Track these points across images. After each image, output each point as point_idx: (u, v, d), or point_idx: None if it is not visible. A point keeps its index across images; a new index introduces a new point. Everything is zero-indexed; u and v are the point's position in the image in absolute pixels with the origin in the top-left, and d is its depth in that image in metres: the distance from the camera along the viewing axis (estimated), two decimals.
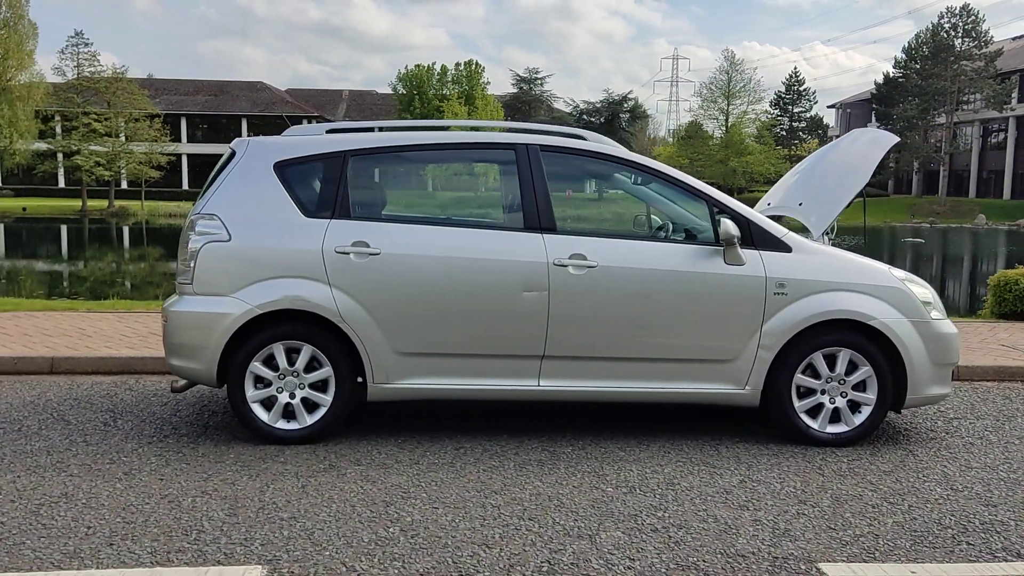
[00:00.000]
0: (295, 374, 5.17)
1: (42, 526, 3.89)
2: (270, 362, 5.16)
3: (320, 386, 5.21)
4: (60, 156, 61.74)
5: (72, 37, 66.45)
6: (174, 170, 64.72)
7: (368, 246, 5.15)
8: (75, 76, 61.04)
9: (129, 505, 4.17)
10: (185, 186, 65.63)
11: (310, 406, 5.21)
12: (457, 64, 77.60)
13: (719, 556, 3.77)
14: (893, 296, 5.41)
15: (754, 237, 5.40)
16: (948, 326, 5.56)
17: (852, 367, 5.41)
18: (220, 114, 68.98)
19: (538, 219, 5.30)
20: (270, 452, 5.03)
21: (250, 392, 5.15)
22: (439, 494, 4.42)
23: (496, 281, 5.18)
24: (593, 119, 79.35)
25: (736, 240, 5.28)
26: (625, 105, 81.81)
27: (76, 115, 58.95)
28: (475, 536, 3.91)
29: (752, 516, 4.24)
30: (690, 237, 5.51)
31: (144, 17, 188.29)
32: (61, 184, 65.68)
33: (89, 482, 4.48)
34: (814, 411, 5.44)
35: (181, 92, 70.48)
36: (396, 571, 3.55)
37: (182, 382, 5.39)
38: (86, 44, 61.25)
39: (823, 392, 5.42)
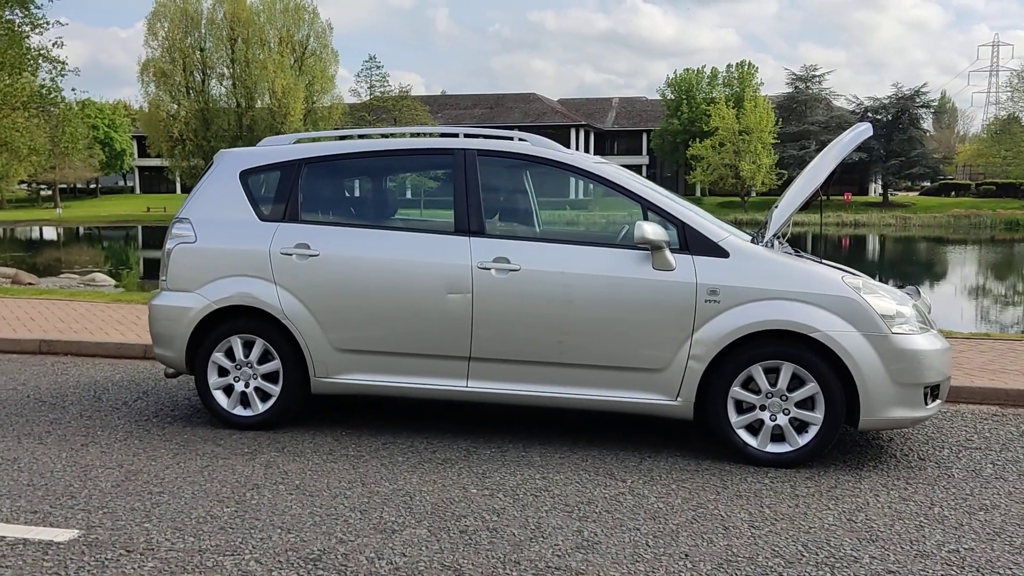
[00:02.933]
0: (250, 365, 5.65)
1: None
2: (230, 353, 5.68)
3: (272, 377, 5.65)
4: None
5: (367, 62, 73.10)
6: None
7: (309, 248, 5.53)
8: (368, 97, 66.99)
9: (48, 471, 4.84)
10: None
11: (263, 395, 5.67)
12: (728, 66, 75.86)
13: (493, 560, 3.73)
14: (842, 307, 4.91)
15: (688, 241, 5.14)
16: (920, 342, 4.94)
17: (798, 382, 4.98)
18: (494, 126, 72.53)
19: (468, 222, 5.39)
20: (221, 436, 5.54)
21: (212, 379, 5.70)
22: (310, 483, 4.69)
23: (423, 283, 5.35)
24: (880, 116, 74.09)
25: (664, 244, 5.05)
26: (918, 100, 75.43)
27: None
28: (290, 522, 4.14)
29: (578, 527, 4.11)
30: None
31: (445, 38, 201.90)
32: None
33: (46, 450, 5.23)
34: (755, 428, 5.06)
35: (461, 107, 74.98)
36: (185, 544, 3.88)
37: (172, 369, 6.06)
38: (378, 67, 67.21)
39: (763, 408, 5.03)
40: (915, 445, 5.51)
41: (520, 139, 5.62)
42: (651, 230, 4.99)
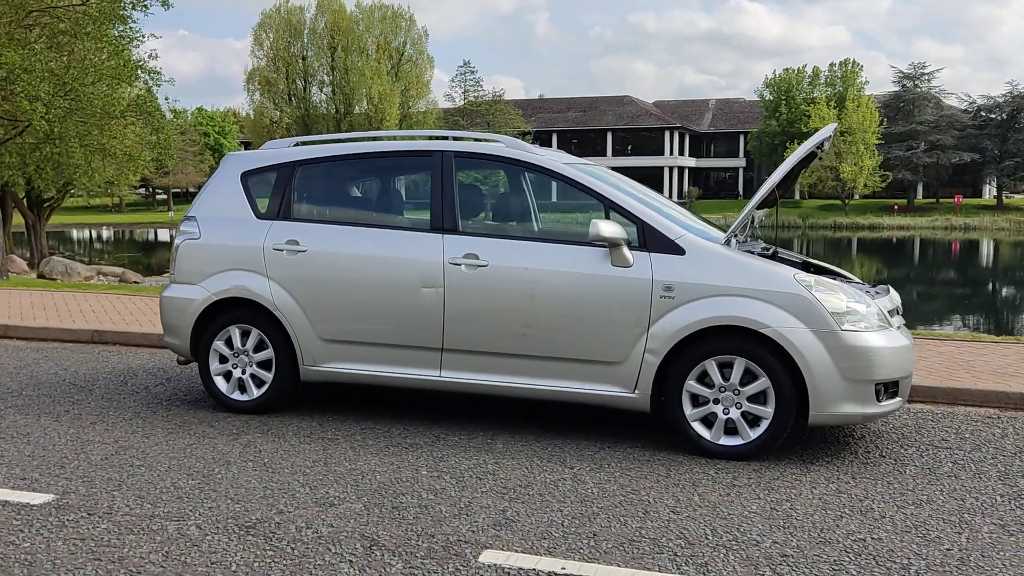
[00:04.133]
0: (246, 353, 6.07)
1: None
2: (229, 342, 6.11)
3: (266, 365, 6.05)
4: None
5: (461, 67, 74.18)
6: None
7: (298, 244, 5.91)
8: (463, 102, 68.01)
9: (51, 444, 5.34)
10: (554, 198, 69.72)
11: (258, 381, 6.07)
12: (831, 65, 73.95)
13: (410, 533, 3.99)
14: (792, 303, 4.99)
15: (647, 239, 5.29)
16: (871, 339, 4.97)
17: (751, 377, 5.08)
18: (588, 129, 72.59)
19: (442, 220, 5.67)
20: (217, 418, 5.97)
21: (213, 366, 6.14)
22: (277, 461, 5.05)
23: (399, 277, 5.66)
24: (993, 115, 70.96)
25: (622, 241, 5.22)
26: None
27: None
28: (243, 494, 4.49)
29: (504, 507, 4.33)
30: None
31: (545, 42, 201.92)
32: None
33: (58, 426, 5.75)
34: (710, 421, 5.18)
35: (554, 110, 75.31)
36: (141, 510, 4.28)
37: (183, 357, 6.53)
38: (472, 72, 68.13)
39: (716, 402, 5.14)
40: (883, 443, 5.51)
41: (494, 141, 5.87)
42: (606, 228, 5.16)
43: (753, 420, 5.11)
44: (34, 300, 11.20)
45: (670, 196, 71.68)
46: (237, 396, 6.11)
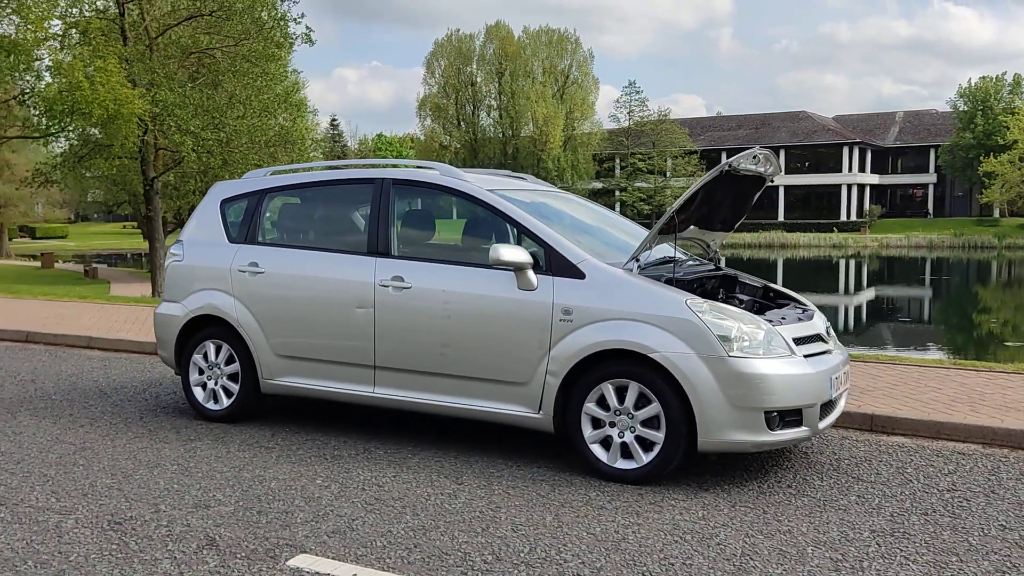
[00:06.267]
0: (218, 366, 6.56)
1: None
2: (206, 356, 6.63)
3: (234, 377, 6.52)
4: (617, 193, 69.06)
5: (626, 87, 74.12)
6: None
7: (257, 266, 6.35)
8: (628, 122, 67.92)
9: (27, 444, 5.99)
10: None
11: (228, 392, 6.55)
12: None
13: (248, 534, 4.27)
14: (681, 328, 4.91)
15: (552, 263, 5.35)
16: (761, 366, 4.82)
17: (645, 401, 5.04)
18: (758, 146, 70.38)
19: (377, 244, 5.95)
20: (188, 425, 6.48)
21: (192, 377, 6.68)
22: (199, 466, 5.45)
23: (338, 298, 5.98)
24: None
25: (526, 265, 5.31)
26: None
27: (625, 156, 65.72)
28: (140, 494, 4.91)
29: (355, 515, 4.53)
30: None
31: (728, 58, 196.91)
32: None
33: (48, 428, 6.41)
34: (609, 443, 5.16)
35: (725, 128, 73.70)
36: (44, 504, 4.77)
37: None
38: (637, 92, 67.81)
39: (612, 425, 5.12)
40: (806, 473, 5.27)
41: (428, 168, 6.11)
42: (505, 252, 5.26)
43: (647, 444, 5.05)
44: (130, 315, 12.34)
45: (848, 215, 68.42)
46: (211, 405, 6.60)
